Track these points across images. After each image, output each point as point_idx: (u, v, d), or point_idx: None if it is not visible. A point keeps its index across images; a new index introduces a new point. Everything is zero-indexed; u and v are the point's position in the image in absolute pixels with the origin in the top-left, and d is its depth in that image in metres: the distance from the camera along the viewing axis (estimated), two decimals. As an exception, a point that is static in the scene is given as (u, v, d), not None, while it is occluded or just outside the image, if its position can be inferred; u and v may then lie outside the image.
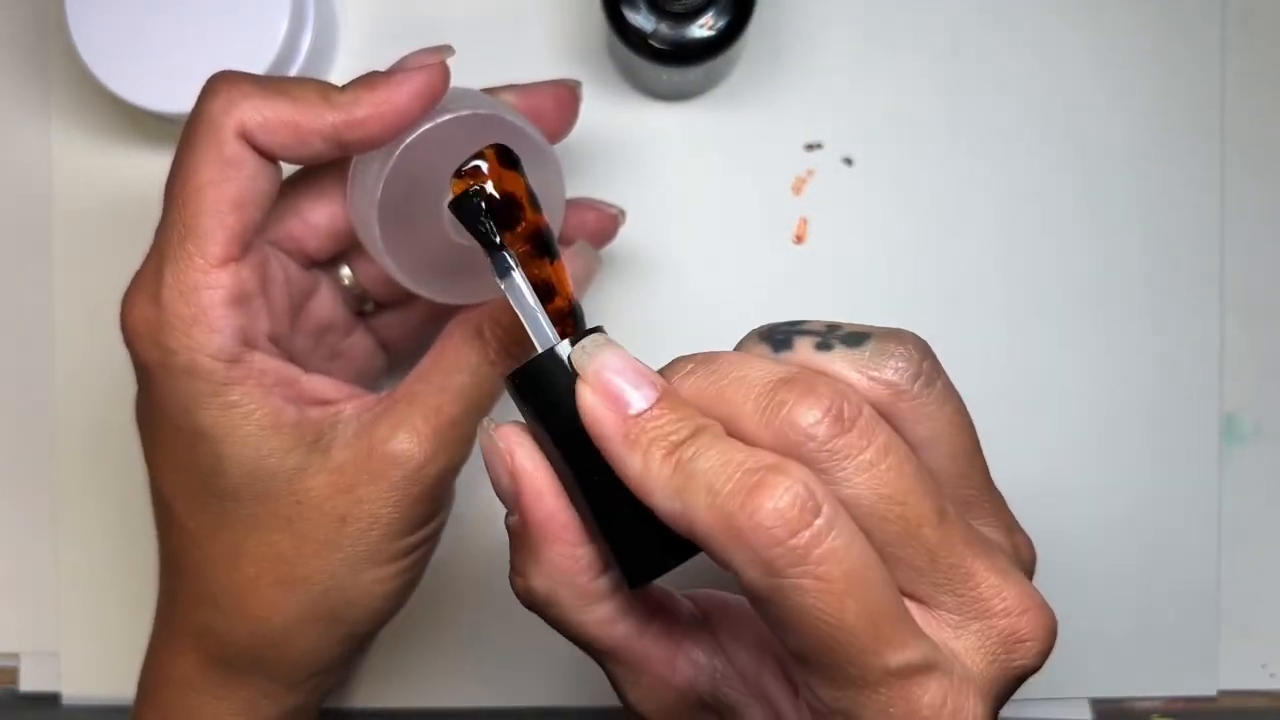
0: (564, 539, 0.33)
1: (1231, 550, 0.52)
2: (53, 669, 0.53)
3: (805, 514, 0.29)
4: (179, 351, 0.38)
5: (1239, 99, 0.52)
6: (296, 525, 0.40)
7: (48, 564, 0.52)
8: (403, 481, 0.40)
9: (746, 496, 0.30)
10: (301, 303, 0.43)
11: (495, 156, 0.35)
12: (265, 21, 0.46)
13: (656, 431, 0.31)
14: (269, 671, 0.42)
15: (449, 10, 0.51)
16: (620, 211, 0.47)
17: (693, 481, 0.30)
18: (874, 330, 0.34)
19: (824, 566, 0.29)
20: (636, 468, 0.31)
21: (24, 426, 0.53)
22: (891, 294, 0.52)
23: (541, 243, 0.35)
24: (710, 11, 0.46)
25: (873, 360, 0.33)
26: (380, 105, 0.38)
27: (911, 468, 0.31)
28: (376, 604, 0.42)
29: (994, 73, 0.52)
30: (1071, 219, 0.52)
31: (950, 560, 0.32)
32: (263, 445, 0.39)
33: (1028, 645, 0.32)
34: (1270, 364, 0.52)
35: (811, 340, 0.33)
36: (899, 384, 0.33)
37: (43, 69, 0.52)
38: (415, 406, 0.40)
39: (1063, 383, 0.52)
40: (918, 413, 0.33)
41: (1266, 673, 0.52)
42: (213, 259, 0.38)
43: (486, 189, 0.35)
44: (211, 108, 0.38)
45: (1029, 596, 0.33)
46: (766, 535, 0.29)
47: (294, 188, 0.42)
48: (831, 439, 0.31)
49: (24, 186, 0.52)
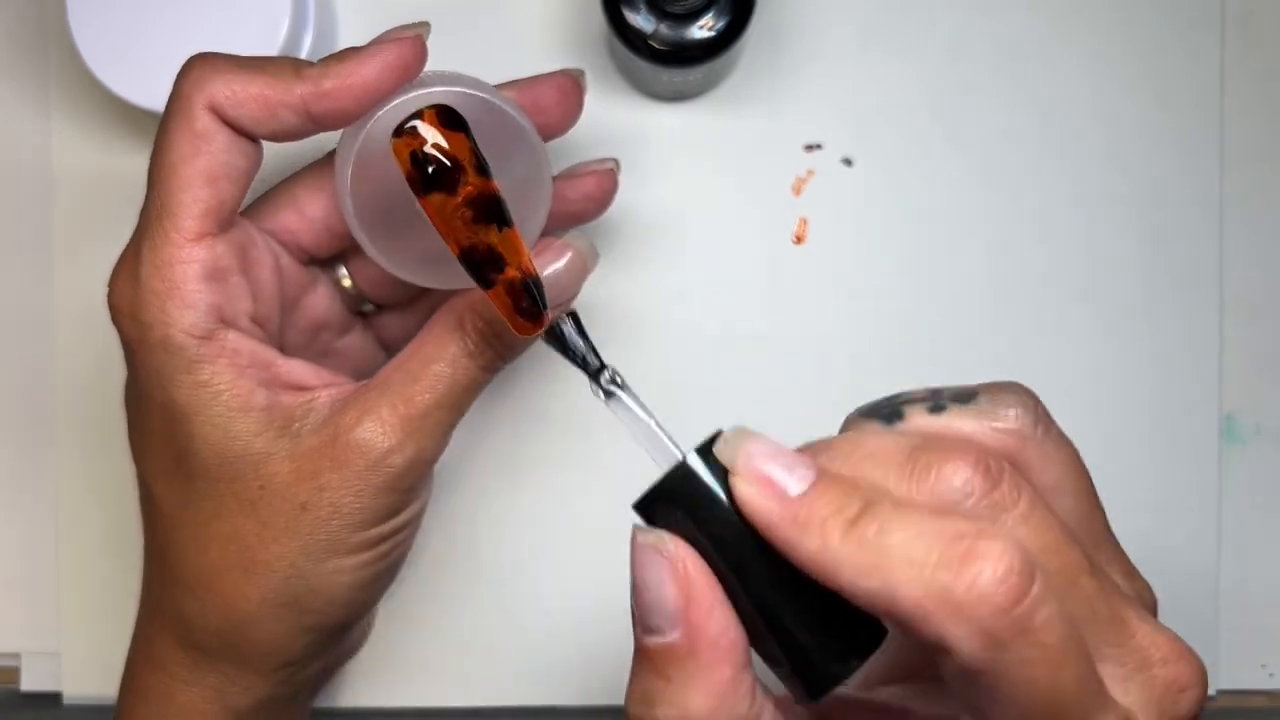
0: (733, 661, 0.31)
1: (1231, 550, 0.52)
2: (53, 669, 0.53)
3: (1024, 580, 0.28)
4: (154, 326, 0.38)
5: (1239, 99, 0.52)
6: (259, 510, 0.39)
7: (48, 564, 0.52)
8: (365, 471, 0.39)
9: (961, 566, 0.28)
10: (297, 296, 0.43)
11: (436, 116, 0.34)
12: (266, 21, 0.46)
13: (827, 509, 0.29)
14: (237, 658, 0.41)
15: (448, 10, 0.51)
16: (614, 163, 0.45)
17: (888, 557, 0.28)
18: (978, 387, 0.33)
19: (1044, 634, 0.28)
20: (813, 548, 0.29)
21: (24, 426, 0.53)
22: (891, 294, 0.52)
23: (486, 209, 0.34)
24: (710, 12, 0.46)
25: (990, 412, 0.32)
26: (348, 77, 0.38)
27: (1055, 517, 0.30)
28: (342, 594, 0.41)
29: (993, 73, 0.52)
30: (1071, 219, 0.52)
31: (1109, 610, 0.31)
32: (231, 426, 0.39)
33: (1188, 694, 0.31)
34: (1270, 364, 0.52)
35: (922, 407, 0.32)
36: (1023, 431, 0.32)
37: (43, 68, 0.52)
38: (385, 395, 0.39)
39: (1062, 383, 0.52)
40: (1043, 459, 0.32)
41: (1266, 673, 0.52)
42: (187, 233, 0.38)
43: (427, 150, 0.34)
44: (184, 85, 0.38)
45: (1180, 643, 0.32)
46: (990, 605, 0.28)
47: (295, 180, 0.43)
48: (988, 493, 0.30)
49: (24, 186, 0.52)
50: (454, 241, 0.35)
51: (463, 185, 0.34)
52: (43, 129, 0.52)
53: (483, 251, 0.34)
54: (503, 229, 0.35)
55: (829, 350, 0.51)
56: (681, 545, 0.31)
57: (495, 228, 0.34)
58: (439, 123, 0.34)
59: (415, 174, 0.34)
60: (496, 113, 0.39)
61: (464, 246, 0.35)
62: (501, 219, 0.35)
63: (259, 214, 0.42)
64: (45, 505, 0.53)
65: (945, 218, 0.52)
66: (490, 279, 0.35)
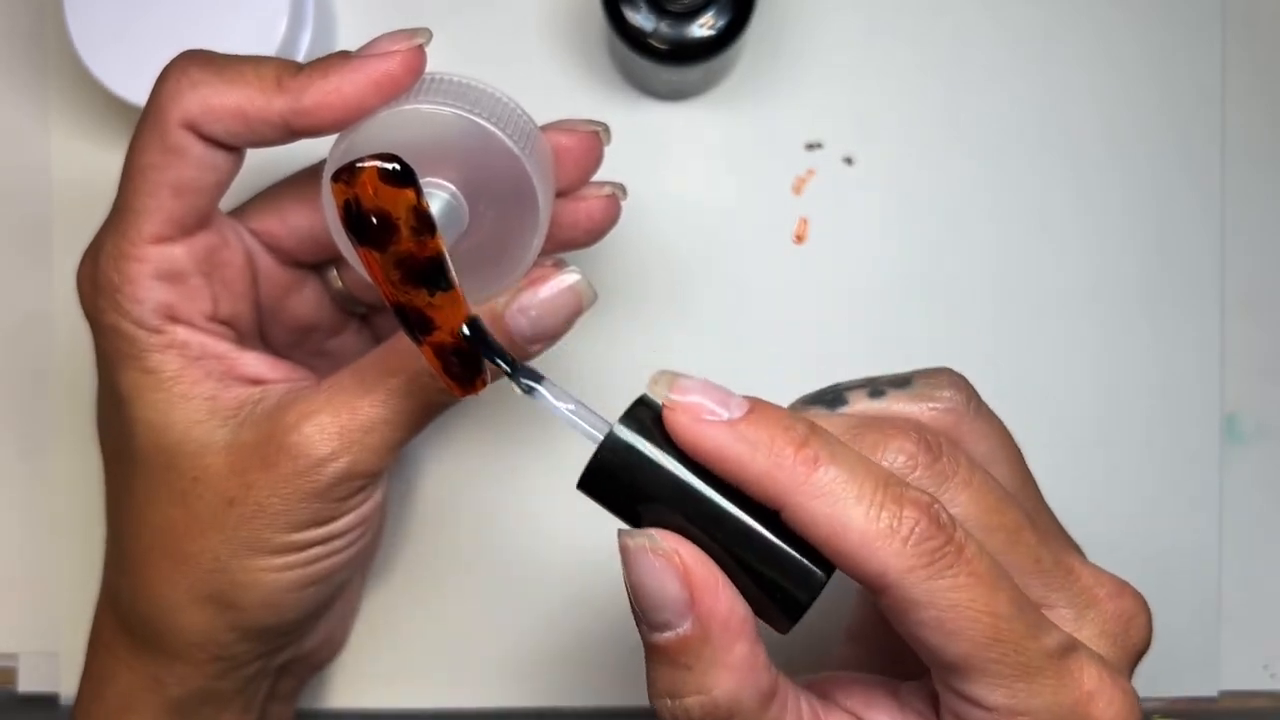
0: (746, 635, 0.32)
1: (1232, 550, 0.52)
2: (52, 669, 0.53)
3: (949, 521, 0.31)
4: (105, 312, 0.39)
5: (1239, 99, 0.52)
6: (190, 501, 0.39)
7: (46, 564, 0.52)
8: (293, 475, 0.38)
9: (899, 507, 0.31)
10: (279, 297, 0.43)
11: (376, 173, 0.31)
12: (265, 20, 0.46)
13: (773, 427, 0.32)
14: (167, 647, 0.41)
15: (448, 9, 0.51)
16: (619, 188, 0.43)
17: (835, 483, 0.31)
18: (911, 372, 0.36)
19: (974, 564, 0.31)
20: (765, 465, 0.31)
21: (24, 426, 0.53)
22: (891, 294, 0.51)
23: (418, 271, 0.32)
24: (710, 11, 0.46)
25: (925, 394, 0.36)
26: (329, 95, 0.37)
27: (994, 481, 0.34)
28: (271, 596, 0.40)
29: (994, 73, 0.51)
30: (1071, 219, 0.52)
31: (1053, 558, 0.34)
32: (171, 414, 0.39)
33: (1139, 621, 0.35)
34: (1270, 364, 0.52)
35: (862, 392, 0.36)
36: (957, 409, 0.35)
37: (42, 68, 0.52)
38: (332, 400, 0.38)
39: (1063, 383, 0.52)
40: (976, 433, 0.36)
41: (1268, 673, 0.52)
42: (146, 236, 0.38)
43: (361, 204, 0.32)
44: (160, 96, 0.38)
45: (1121, 580, 0.35)
46: (924, 538, 0.31)
47: (283, 186, 0.42)
48: (930, 465, 0.33)
49: (23, 185, 0.52)
50: (385, 294, 0.33)
51: (394, 244, 0.32)
52: (42, 129, 0.52)
53: (411, 311, 0.33)
54: (436, 292, 0.33)
55: (829, 350, 0.51)
56: (669, 537, 0.31)
57: (426, 291, 0.33)
58: (378, 178, 0.32)
59: (347, 222, 0.32)
60: (490, 138, 0.37)
61: (393, 302, 0.33)
62: (435, 282, 0.33)
63: (245, 214, 0.42)
64: (44, 505, 0.52)
65: (946, 217, 0.52)
66: (418, 339, 0.34)
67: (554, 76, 0.51)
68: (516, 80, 0.44)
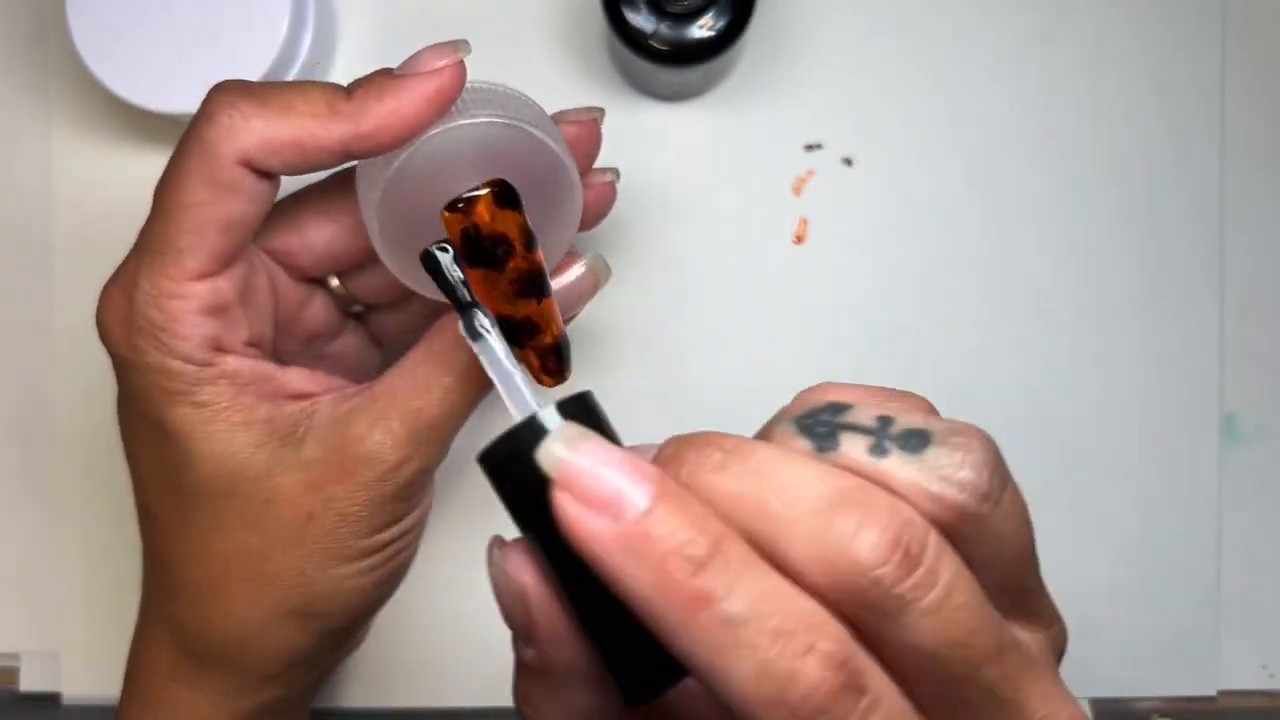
0: (589, 686, 0.30)
1: (1231, 550, 0.52)
2: (53, 669, 0.53)
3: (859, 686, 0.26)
4: (148, 352, 0.38)
5: (1239, 99, 0.52)
6: (265, 523, 0.39)
7: (47, 564, 0.52)
8: (374, 481, 0.39)
9: (800, 662, 0.25)
10: (293, 313, 0.43)
11: (492, 196, 0.34)
12: (266, 21, 0.46)
13: (670, 540, 0.26)
14: (240, 667, 0.41)
15: (448, 10, 0.51)
16: (615, 173, 0.43)
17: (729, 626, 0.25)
18: (933, 429, 0.28)
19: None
20: (645, 585, 0.26)
21: (24, 427, 0.53)
22: (891, 294, 0.52)
23: (529, 284, 0.35)
24: (710, 12, 0.46)
25: (939, 470, 0.28)
26: (389, 117, 0.36)
27: (976, 601, 0.27)
28: (350, 599, 0.41)
29: (992, 74, 0.52)
30: (1071, 219, 0.52)
31: (1005, 695, 0.28)
32: (232, 442, 0.39)
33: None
34: (1270, 364, 0.52)
35: (863, 442, 0.28)
36: (968, 505, 0.28)
37: (43, 69, 0.52)
38: (394, 406, 0.39)
39: (1062, 383, 0.52)
40: (982, 533, 0.28)
41: (1267, 673, 0.52)
42: (190, 273, 0.37)
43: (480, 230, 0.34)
44: (210, 132, 0.37)
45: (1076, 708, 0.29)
46: (818, 717, 0.25)
47: (299, 203, 0.42)
48: (897, 583, 0.26)
49: (24, 186, 0.52)
50: (494, 309, 0.36)
51: (510, 262, 0.35)
52: (42, 129, 0.52)
53: (520, 321, 0.35)
54: (541, 300, 0.35)
55: (829, 350, 0.51)
56: (524, 570, 0.29)
57: (535, 300, 0.35)
58: (494, 203, 0.34)
59: (465, 249, 0.35)
60: (535, 141, 0.38)
61: (505, 316, 0.35)
62: (541, 290, 0.35)
63: (262, 234, 0.42)
64: (45, 506, 0.53)
65: (945, 217, 0.52)
66: (523, 344, 0.36)
67: (554, 78, 0.51)
68: (517, 81, 0.44)
